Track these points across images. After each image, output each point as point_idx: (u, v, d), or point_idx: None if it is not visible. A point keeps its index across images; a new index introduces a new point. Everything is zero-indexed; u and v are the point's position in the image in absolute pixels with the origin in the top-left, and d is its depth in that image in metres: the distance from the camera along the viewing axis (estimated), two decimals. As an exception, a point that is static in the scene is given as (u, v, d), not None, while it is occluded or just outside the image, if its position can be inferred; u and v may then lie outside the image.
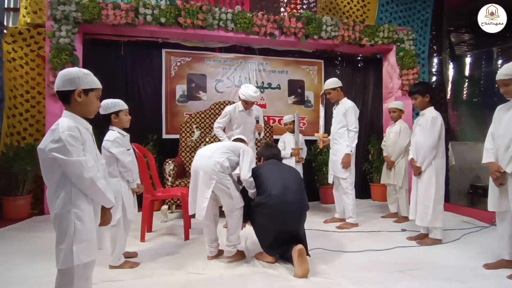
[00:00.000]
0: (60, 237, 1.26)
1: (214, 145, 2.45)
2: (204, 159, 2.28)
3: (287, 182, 2.30)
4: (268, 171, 2.38)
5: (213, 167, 2.22)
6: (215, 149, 2.35)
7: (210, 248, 2.41)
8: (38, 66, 4.21)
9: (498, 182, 2.14)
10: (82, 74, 1.37)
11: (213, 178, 2.21)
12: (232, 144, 2.47)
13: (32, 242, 2.77)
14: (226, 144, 2.47)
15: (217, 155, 2.27)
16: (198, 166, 2.29)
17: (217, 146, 2.40)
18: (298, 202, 2.28)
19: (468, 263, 2.32)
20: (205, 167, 2.24)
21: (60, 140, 1.24)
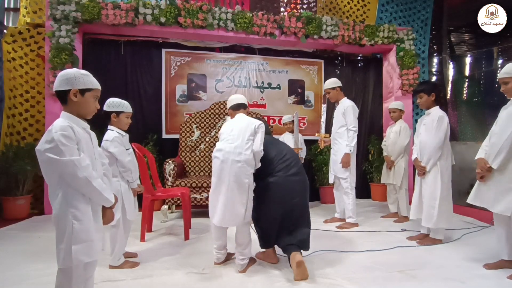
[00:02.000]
0: (59, 237, 1.27)
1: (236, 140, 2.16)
2: (231, 162, 2.09)
3: (288, 158, 2.26)
4: (270, 147, 2.27)
5: (244, 171, 2.08)
6: (239, 146, 2.13)
7: (218, 254, 2.29)
8: (38, 66, 4.21)
9: (479, 176, 2.23)
10: (79, 74, 1.37)
11: (245, 182, 2.08)
12: (250, 128, 2.20)
13: (31, 242, 2.77)
14: (246, 133, 2.18)
15: (243, 156, 2.09)
16: (225, 170, 2.10)
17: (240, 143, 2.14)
18: (301, 178, 2.26)
19: (468, 263, 2.32)
20: (235, 171, 2.07)
21: (52, 140, 1.24)
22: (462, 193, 4.93)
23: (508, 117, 2.13)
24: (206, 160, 4.25)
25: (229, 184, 2.08)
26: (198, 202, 3.66)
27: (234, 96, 2.53)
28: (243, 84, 4.90)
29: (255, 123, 2.24)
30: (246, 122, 2.27)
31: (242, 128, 2.21)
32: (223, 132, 2.28)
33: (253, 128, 2.21)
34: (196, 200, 3.65)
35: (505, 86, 2.16)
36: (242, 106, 2.46)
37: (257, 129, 2.22)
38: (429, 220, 2.71)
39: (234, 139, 2.17)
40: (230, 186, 2.08)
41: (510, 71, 2.13)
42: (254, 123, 2.25)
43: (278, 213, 2.15)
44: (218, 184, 2.13)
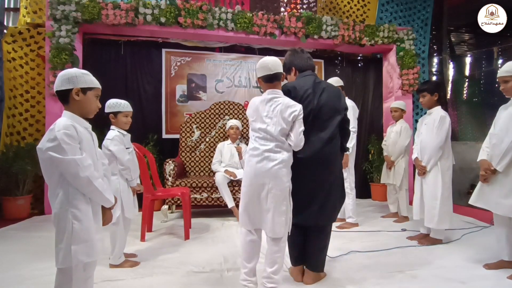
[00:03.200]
0: (58, 236, 1.27)
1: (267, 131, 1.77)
2: (266, 161, 1.75)
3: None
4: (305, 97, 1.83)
5: (280, 172, 1.74)
6: (272, 138, 1.77)
7: (250, 284, 1.79)
8: (38, 66, 4.21)
9: (483, 178, 2.20)
10: (80, 73, 1.38)
11: (285, 185, 1.76)
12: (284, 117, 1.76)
13: (32, 242, 2.77)
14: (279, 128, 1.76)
15: (279, 155, 1.76)
16: (260, 172, 1.75)
17: (273, 134, 1.76)
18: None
19: (469, 263, 2.32)
20: (272, 173, 1.73)
21: (55, 139, 1.24)
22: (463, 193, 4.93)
23: (509, 118, 2.11)
24: (206, 160, 4.25)
25: (268, 188, 1.76)
26: (198, 202, 3.66)
27: (267, 60, 1.84)
28: (243, 84, 4.90)
29: (293, 110, 1.76)
30: (281, 106, 1.78)
31: (277, 116, 1.77)
32: (251, 119, 1.87)
33: (289, 118, 1.75)
34: (196, 200, 3.65)
35: (505, 85, 2.13)
36: (277, 77, 1.85)
37: (294, 119, 1.77)
38: (431, 220, 2.71)
39: (269, 137, 1.79)
40: (269, 191, 1.76)
41: (510, 70, 2.12)
42: (292, 109, 1.77)
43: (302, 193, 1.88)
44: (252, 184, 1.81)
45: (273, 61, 1.84)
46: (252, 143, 1.83)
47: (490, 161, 2.18)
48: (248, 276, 1.80)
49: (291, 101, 1.80)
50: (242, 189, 1.85)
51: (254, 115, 1.84)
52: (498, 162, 2.10)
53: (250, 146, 1.84)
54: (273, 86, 1.85)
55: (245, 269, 1.81)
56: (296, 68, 2.02)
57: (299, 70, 2.02)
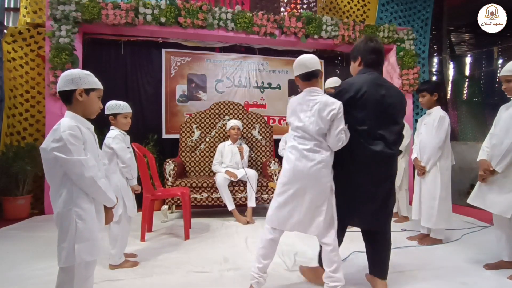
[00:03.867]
0: (62, 235, 1.28)
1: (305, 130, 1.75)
2: (305, 161, 1.73)
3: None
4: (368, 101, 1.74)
5: (320, 173, 1.72)
6: (310, 137, 1.74)
7: (260, 278, 1.80)
8: (38, 66, 4.21)
9: (481, 178, 2.20)
10: (83, 74, 1.39)
11: (326, 185, 1.74)
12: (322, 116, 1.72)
13: (32, 242, 2.77)
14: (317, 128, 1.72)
15: (317, 155, 1.72)
16: (298, 172, 1.73)
17: (312, 133, 1.73)
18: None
19: (469, 264, 2.32)
20: (311, 173, 1.71)
21: (61, 139, 1.25)
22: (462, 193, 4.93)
23: (510, 118, 2.11)
24: (206, 160, 4.25)
25: (306, 188, 1.74)
26: (198, 202, 3.66)
27: (304, 58, 1.83)
28: (243, 84, 4.90)
29: (331, 108, 1.70)
30: (319, 105, 1.73)
31: (315, 115, 1.73)
32: (290, 119, 1.84)
33: (327, 117, 1.70)
34: (196, 200, 3.65)
35: (507, 84, 2.13)
36: (315, 74, 1.82)
37: (333, 118, 1.71)
38: (428, 220, 2.71)
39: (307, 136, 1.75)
40: (307, 191, 1.74)
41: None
42: (331, 107, 1.71)
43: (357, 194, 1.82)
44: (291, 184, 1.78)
45: (310, 58, 1.82)
46: (291, 142, 1.81)
47: (490, 161, 2.18)
48: (260, 271, 1.80)
49: (330, 99, 1.74)
50: (279, 187, 1.81)
51: (293, 114, 1.82)
52: (497, 163, 2.10)
53: (289, 144, 1.82)
54: (311, 84, 1.82)
55: (260, 265, 1.80)
56: (362, 60, 1.89)
57: (365, 63, 1.89)
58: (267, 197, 3.74)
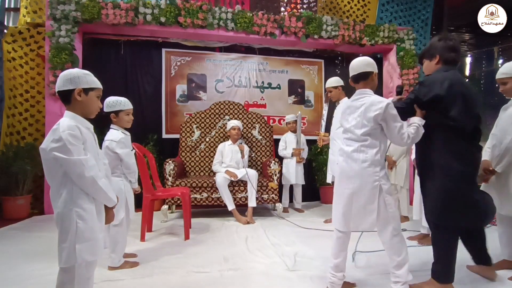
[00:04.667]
0: (62, 235, 1.27)
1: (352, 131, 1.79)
2: (351, 162, 1.76)
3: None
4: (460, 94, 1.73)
5: (366, 172, 1.73)
6: (357, 138, 1.76)
7: (333, 277, 1.83)
8: (38, 65, 4.21)
9: (481, 178, 2.19)
10: (82, 73, 1.38)
11: (373, 184, 1.73)
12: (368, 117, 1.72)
13: (32, 242, 2.77)
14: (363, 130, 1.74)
15: (362, 154, 1.75)
16: (345, 173, 1.78)
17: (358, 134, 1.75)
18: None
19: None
20: (357, 173, 1.74)
21: (60, 139, 1.25)
22: (462, 193, 4.94)
23: (509, 119, 2.12)
24: (206, 160, 4.25)
25: (354, 188, 1.77)
26: (198, 202, 3.66)
27: (355, 62, 1.86)
28: (243, 84, 4.90)
29: (378, 107, 1.70)
30: (365, 105, 1.74)
31: (361, 116, 1.75)
32: (341, 121, 1.88)
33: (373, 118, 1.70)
34: (196, 200, 3.64)
35: (504, 87, 2.15)
36: (363, 76, 1.83)
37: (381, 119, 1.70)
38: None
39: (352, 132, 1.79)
40: (355, 191, 1.77)
41: (508, 71, 2.13)
42: (377, 105, 1.70)
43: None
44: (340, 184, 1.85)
45: (357, 61, 1.85)
46: (340, 144, 1.91)
47: (491, 161, 2.18)
48: (333, 270, 1.85)
49: (377, 99, 1.75)
50: (334, 189, 1.90)
51: (343, 116, 1.89)
52: (497, 163, 2.11)
53: (339, 146, 1.91)
54: (360, 86, 1.85)
55: (331, 264, 1.87)
56: (441, 58, 1.88)
57: (444, 60, 1.88)
58: (267, 197, 3.74)
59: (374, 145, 1.75)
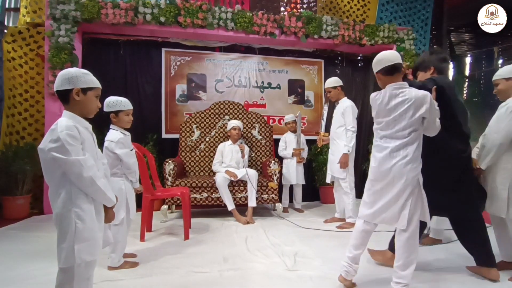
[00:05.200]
0: (61, 236, 1.27)
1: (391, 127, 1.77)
2: (390, 159, 1.76)
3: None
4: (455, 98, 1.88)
5: (404, 169, 1.72)
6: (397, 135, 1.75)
7: (350, 267, 1.85)
8: (38, 65, 4.20)
9: None
10: (80, 73, 1.38)
11: (413, 180, 1.74)
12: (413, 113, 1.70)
13: (31, 242, 2.76)
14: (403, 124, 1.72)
15: (402, 151, 1.73)
16: (384, 169, 1.77)
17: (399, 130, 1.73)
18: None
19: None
20: (395, 170, 1.74)
21: (58, 139, 1.24)
22: (462, 193, 4.94)
23: (497, 119, 2.16)
24: (206, 160, 4.25)
25: (389, 182, 1.78)
26: (198, 202, 3.66)
27: (385, 53, 1.84)
28: (243, 84, 4.90)
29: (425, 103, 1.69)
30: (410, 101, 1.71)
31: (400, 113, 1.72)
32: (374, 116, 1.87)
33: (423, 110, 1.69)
34: (196, 200, 3.64)
35: (496, 88, 2.22)
36: (397, 68, 1.79)
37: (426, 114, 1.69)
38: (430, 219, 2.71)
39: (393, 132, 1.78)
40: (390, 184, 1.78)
41: (500, 73, 2.18)
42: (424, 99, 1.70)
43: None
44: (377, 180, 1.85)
45: (392, 52, 1.81)
46: (376, 140, 1.87)
47: (478, 160, 2.23)
48: (350, 260, 1.86)
49: (420, 92, 1.71)
50: (368, 183, 1.90)
51: (379, 113, 1.83)
52: (482, 160, 2.16)
53: (375, 143, 1.88)
54: (394, 79, 1.78)
55: (350, 254, 1.87)
56: (436, 68, 2.05)
57: (439, 70, 2.06)
58: (267, 197, 3.74)
59: (415, 140, 1.74)
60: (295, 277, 2.08)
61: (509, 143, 2.06)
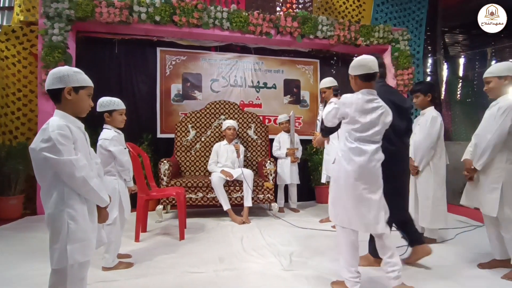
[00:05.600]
0: (53, 237, 1.25)
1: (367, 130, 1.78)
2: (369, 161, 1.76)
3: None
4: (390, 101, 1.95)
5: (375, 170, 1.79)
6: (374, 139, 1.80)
7: (355, 279, 1.80)
8: (31, 64, 4.16)
9: (467, 177, 2.26)
10: (72, 72, 1.36)
11: (380, 184, 1.81)
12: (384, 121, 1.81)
13: (24, 242, 2.73)
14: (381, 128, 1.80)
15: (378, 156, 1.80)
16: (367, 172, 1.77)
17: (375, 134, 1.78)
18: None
19: (462, 263, 2.33)
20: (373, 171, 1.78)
21: (50, 139, 1.22)
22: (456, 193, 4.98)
23: (489, 118, 2.17)
24: (202, 160, 4.23)
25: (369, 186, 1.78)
26: (194, 202, 3.64)
27: (365, 58, 1.83)
28: (238, 84, 4.89)
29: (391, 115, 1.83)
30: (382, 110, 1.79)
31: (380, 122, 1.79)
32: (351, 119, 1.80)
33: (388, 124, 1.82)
34: (191, 200, 3.63)
35: (487, 86, 2.20)
36: (375, 76, 1.84)
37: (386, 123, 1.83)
38: (423, 219, 2.74)
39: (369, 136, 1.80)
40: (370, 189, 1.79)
41: (493, 71, 2.16)
42: (390, 115, 1.83)
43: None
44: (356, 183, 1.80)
45: (373, 60, 1.83)
46: (352, 143, 1.80)
47: (473, 160, 2.23)
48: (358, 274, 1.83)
49: (386, 105, 1.85)
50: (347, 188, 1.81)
51: (359, 114, 1.78)
52: (477, 161, 2.16)
53: (350, 145, 1.80)
54: (370, 86, 1.84)
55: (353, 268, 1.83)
56: (380, 74, 2.10)
57: (380, 75, 2.18)
58: (263, 197, 3.74)
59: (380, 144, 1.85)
60: (291, 277, 2.08)
61: (503, 143, 2.07)
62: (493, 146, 2.07)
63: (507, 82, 2.12)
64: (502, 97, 2.14)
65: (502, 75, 2.12)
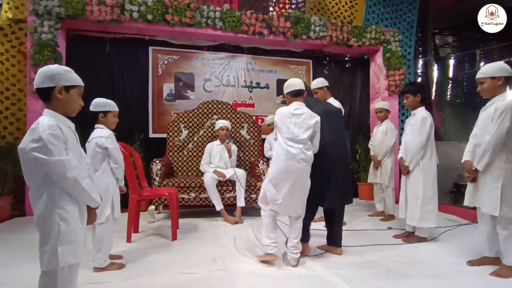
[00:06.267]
0: (43, 238, 1.23)
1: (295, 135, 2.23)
2: (294, 161, 2.18)
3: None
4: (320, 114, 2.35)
5: (305, 172, 2.23)
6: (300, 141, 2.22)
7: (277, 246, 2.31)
8: (19, 62, 4.08)
9: (469, 179, 2.26)
10: (62, 70, 1.33)
11: (306, 184, 2.25)
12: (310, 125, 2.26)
13: (13, 244, 2.68)
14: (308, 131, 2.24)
15: (305, 156, 2.20)
16: (292, 171, 2.18)
17: (301, 138, 2.22)
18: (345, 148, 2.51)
19: (452, 260, 2.37)
20: (300, 170, 2.20)
21: (40, 139, 1.20)
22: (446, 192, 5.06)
23: (488, 118, 2.18)
24: (194, 159, 4.21)
25: (294, 182, 2.18)
26: (186, 202, 3.62)
27: (293, 80, 2.44)
28: (231, 84, 4.88)
29: (316, 119, 2.27)
30: (306, 115, 2.27)
31: (304, 124, 2.25)
32: (280, 126, 2.28)
33: (313, 126, 2.25)
34: (184, 200, 3.60)
35: (481, 86, 2.22)
36: (301, 93, 2.39)
37: (316, 129, 2.27)
38: (412, 218, 2.77)
39: (296, 136, 2.23)
40: (295, 184, 2.19)
41: (486, 72, 2.19)
42: (315, 118, 2.27)
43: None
44: (283, 179, 2.20)
45: (298, 80, 2.43)
46: (282, 145, 2.23)
47: (473, 161, 2.24)
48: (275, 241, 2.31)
49: (312, 112, 2.30)
50: (276, 182, 2.23)
51: (284, 122, 2.26)
52: (478, 162, 2.17)
53: (282, 146, 2.23)
54: (298, 100, 2.36)
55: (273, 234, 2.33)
56: (308, 92, 2.60)
57: (308, 93, 2.67)
58: (256, 196, 3.74)
59: (310, 147, 2.25)
60: (284, 275, 2.09)
61: (502, 143, 2.08)
62: (493, 147, 2.08)
63: (500, 82, 2.14)
64: (497, 97, 2.16)
65: (495, 75, 2.14)
